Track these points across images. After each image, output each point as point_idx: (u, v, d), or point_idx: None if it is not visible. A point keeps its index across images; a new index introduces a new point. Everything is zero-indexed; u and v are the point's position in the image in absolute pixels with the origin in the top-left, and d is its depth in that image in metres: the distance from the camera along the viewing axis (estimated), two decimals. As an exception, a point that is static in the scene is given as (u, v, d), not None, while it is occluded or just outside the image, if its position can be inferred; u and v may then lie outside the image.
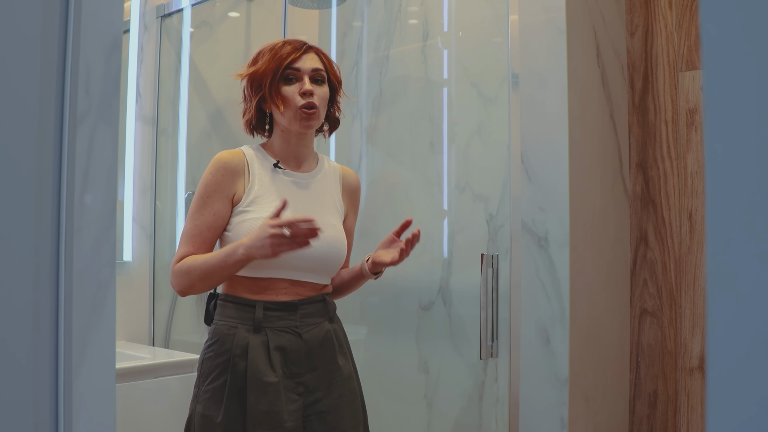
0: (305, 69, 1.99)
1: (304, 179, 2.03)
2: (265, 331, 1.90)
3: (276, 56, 1.97)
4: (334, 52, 3.25)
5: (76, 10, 0.86)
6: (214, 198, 1.93)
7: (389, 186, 2.97)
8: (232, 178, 1.95)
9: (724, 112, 0.50)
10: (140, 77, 3.32)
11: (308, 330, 1.95)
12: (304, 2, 3.36)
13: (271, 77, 1.96)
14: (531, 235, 2.23)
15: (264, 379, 1.85)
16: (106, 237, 0.89)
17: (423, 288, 2.73)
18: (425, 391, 2.70)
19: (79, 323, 0.85)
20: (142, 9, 3.34)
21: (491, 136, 2.59)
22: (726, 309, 0.49)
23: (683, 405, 2.37)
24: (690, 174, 2.37)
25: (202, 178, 1.96)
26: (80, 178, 0.85)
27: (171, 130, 3.39)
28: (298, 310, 1.94)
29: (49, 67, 0.84)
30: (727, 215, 0.49)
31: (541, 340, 2.19)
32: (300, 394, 1.91)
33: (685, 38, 2.41)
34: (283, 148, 2.03)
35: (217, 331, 1.93)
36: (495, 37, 2.59)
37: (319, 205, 2.02)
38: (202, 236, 1.93)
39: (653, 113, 2.46)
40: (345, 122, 3.14)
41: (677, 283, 2.39)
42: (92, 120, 0.87)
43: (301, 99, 1.95)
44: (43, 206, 0.83)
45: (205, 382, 1.89)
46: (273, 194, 1.96)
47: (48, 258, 0.83)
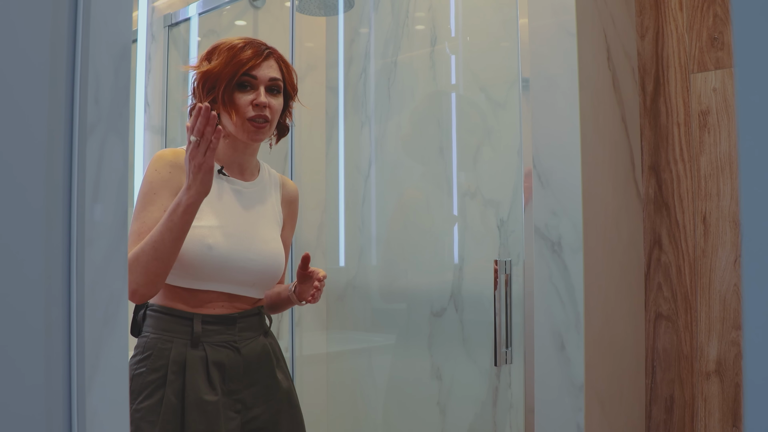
0: (262, 78, 1.90)
1: (247, 188, 1.97)
2: (203, 346, 1.81)
3: (234, 60, 1.87)
4: (341, 59, 3.25)
5: (84, 19, 0.85)
6: (160, 194, 1.81)
7: (410, 205, 2.96)
8: (178, 175, 1.84)
9: (758, 112, 0.48)
10: (148, 87, 3.32)
11: (246, 344, 1.89)
12: (311, 9, 3.35)
13: (226, 82, 1.86)
14: (544, 240, 2.21)
15: (203, 398, 1.77)
16: (118, 248, 0.88)
17: (435, 294, 2.72)
18: (438, 398, 2.69)
19: (91, 336, 0.84)
20: (149, 19, 3.35)
21: (501, 141, 2.58)
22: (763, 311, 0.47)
23: (701, 409, 2.34)
24: (703, 176, 2.35)
25: (145, 176, 1.84)
26: (91, 189, 0.84)
27: (180, 139, 3.39)
28: (236, 324, 1.88)
29: (58, 77, 0.83)
30: (763, 215, 0.48)
31: (556, 345, 2.17)
32: (238, 411, 1.84)
33: (696, 40, 2.40)
34: (228, 153, 1.95)
35: (149, 344, 1.81)
36: (503, 41, 2.58)
37: (260, 217, 1.97)
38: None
39: (665, 116, 2.44)
40: (354, 129, 3.14)
41: (692, 286, 2.37)
42: (102, 130, 0.86)
43: (252, 110, 1.87)
44: (54, 218, 0.82)
45: (137, 400, 1.75)
46: (214, 201, 1.88)
47: (59, 270, 0.82)
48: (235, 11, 3.54)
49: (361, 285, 3.07)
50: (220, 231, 1.85)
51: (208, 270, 1.82)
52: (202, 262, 1.81)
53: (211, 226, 1.84)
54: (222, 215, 1.88)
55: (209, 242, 1.82)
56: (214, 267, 1.82)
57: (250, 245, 1.89)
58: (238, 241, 1.87)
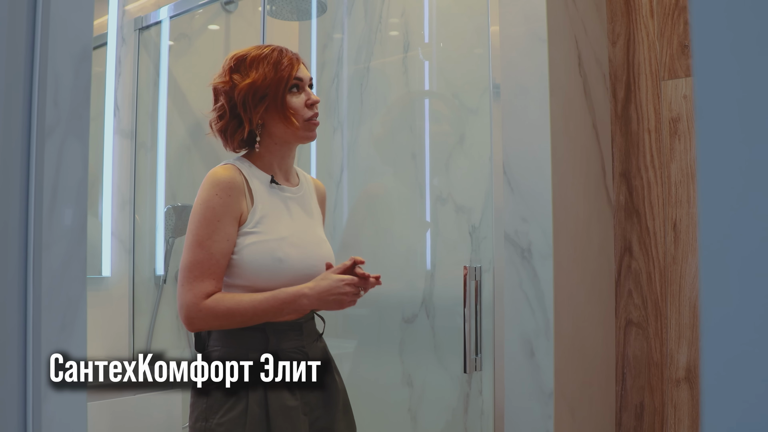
0: (306, 79, 1.95)
1: (295, 194, 1.98)
2: (278, 354, 1.81)
3: (280, 66, 1.90)
4: (314, 64, 3.23)
5: (44, 18, 0.83)
6: (224, 221, 1.80)
7: (373, 198, 2.95)
8: (238, 198, 1.83)
9: (715, 119, 0.48)
10: (118, 90, 3.29)
11: (311, 349, 1.91)
12: (284, 14, 3.34)
13: (282, 87, 1.89)
14: (514, 247, 2.21)
15: (287, 404, 1.79)
16: (77, 253, 0.86)
17: (406, 300, 2.71)
18: (409, 405, 2.68)
19: (48, 342, 0.82)
20: (119, 22, 3.31)
21: (473, 148, 2.58)
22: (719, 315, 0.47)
23: (670, 416, 2.35)
24: (674, 183, 2.37)
25: (204, 200, 1.82)
26: (49, 193, 0.83)
27: (150, 144, 3.36)
28: (302, 329, 1.89)
29: (15, 78, 0.81)
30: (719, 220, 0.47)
31: (526, 352, 2.17)
32: (306, 414, 1.86)
33: (667, 47, 2.41)
34: (275, 161, 1.96)
35: (222, 358, 1.79)
36: (476, 48, 2.58)
37: (312, 219, 2.00)
38: (219, 266, 1.80)
39: (636, 122, 2.45)
40: (326, 135, 3.13)
41: (662, 293, 2.38)
42: (61, 133, 0.84)
43: (308, 110, 1.92)
44: (11, 221, 0.80)
45: (217, 414, 1.76)
46: (276, 212, 1.90)
47: (16, 275, 0.80)
48: (207, 15, 3.51)
49: (333, 291, 3.05)
50: (287, 242, 1.87)
51: (279, 282, 1.83)
52: (275, 275, 1.83)
53: (279, 238, 1.86)
54: (286, 226, 1.90)
55: (279, 255, 1.84)
56: (285, 278, 1.84)
57: (313, 251, 1.93)
58: (303, 250, 1.90)
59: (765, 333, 0.46)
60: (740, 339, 0.48)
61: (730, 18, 0.49)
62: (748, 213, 0.47)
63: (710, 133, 0.49)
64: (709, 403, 0.49)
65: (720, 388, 0.48)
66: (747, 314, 0.47)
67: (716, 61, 0.49)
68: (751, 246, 0.47)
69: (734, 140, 0.48)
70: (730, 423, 0.48)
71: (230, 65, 1.93)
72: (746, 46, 0.48)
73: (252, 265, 1.82)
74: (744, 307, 0.47)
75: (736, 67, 0.48)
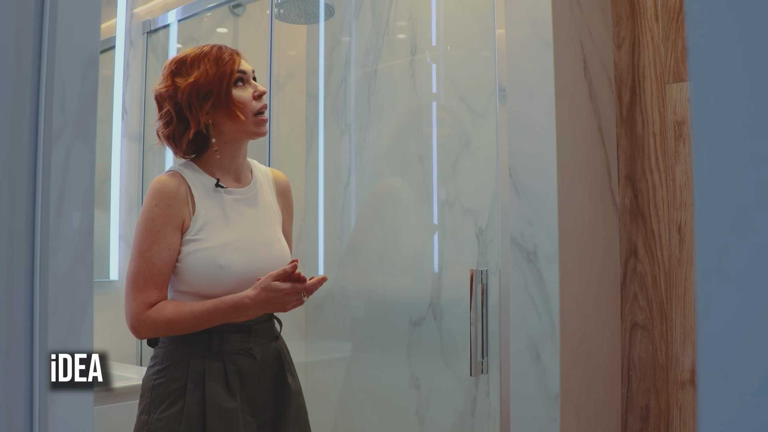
0: (249, 71, 1.93)
1: (245, 194, 1.96)
2: (221, 355, 1.84)
3: (221, 61, 1.88)
4: (322, 67, 3.24)
5: (51, 24, 0.84)
6: (165, 231, 1.81)
7: (385, 197, 2.95)
8: (179, 207, 1.84)
9: (712, 123, 0.49)
10: (126, 94, 3.30)
11: (260, 350, 1.90)
12: (292, 17, 3.35)
13: (226, 82, 1.86)
14: (520, 250, 2.21)
15: (224, 405, 1.80)
16: (84, 258, 0.87)
17: (413, 303, 2.71)
18: (417, 407, 2.68)
19: (55, 348, 0.83)
20: (127, 25, 3.33)
21: (480, 150, 2.58)
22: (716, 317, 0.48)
23: (676, 419, 2.35)
24: (679, 186, 2.36)
25: (145, 210, 1.84)
26: (56, 198, 0.83)
27: (157, 147, 3.37)
28: (251, 331, 1.89)
29: (22, 83, 0.82)
30: (716, 225, 0.48)
31: (532, 355, 2.17)
32: (253, 416, 1.87)
33: (671, 50, 2.41)
34: (223, 163, 1.94)
35: (168, 355, 1.84)
36: (483, 51, 2.58)
37: (263, 220, 1.97)
38: (161, 275, 1.81)
39: (641, 126, 2.45)
40: (334, 138, 3.14)
41: (667, 295, 2.38)
42: (68, 138, 0.85)
43: (257, 102, 1.90)
44: (18, 226, 0.81)
45: (158, 410, 1.79)
46: (218, 218, 1.88)
47: (23, 280, 0.81)
48: (216, 18, 3.53)
49: (340, 294, 3.07)
50: (229, 248, 1.86)
51: (223, 288, 1.83)
52: (217, 281, 1.83)
53: (222, 244, 1.85)
54: (228, 231, 1.88)
55: (221, 262, 1.83)
56: (228, 284, 1.84)
57: (258, 253, 1.91)
58: (246, 254, 1.88)
59: (762, 334, 0.47)
60: (737, 340, 0.48)
61: (727, 21, 0.49)
62: (745, 214, 0.48)
63: (708, 134, 0.49)
64: (704, 404, 0.49)
65: (715, 389, 0.49)
66: (746, 314, 0.48)
67: (712, 64, 0.50)
68: (748, 247, 0.47)
69: (734, 139, 0.48)
70: (728, 423, 0.48)
71: (171, 69, 1.91)
72: (746, 47, 0.48)
73: (194, 273, 1.82)
74: (740, 309, 0.48)
75: (733, 69, 0.49)
